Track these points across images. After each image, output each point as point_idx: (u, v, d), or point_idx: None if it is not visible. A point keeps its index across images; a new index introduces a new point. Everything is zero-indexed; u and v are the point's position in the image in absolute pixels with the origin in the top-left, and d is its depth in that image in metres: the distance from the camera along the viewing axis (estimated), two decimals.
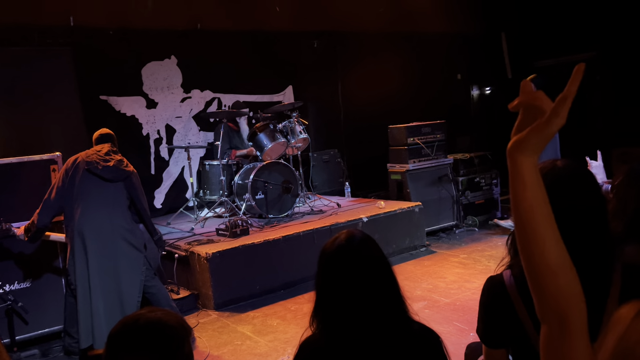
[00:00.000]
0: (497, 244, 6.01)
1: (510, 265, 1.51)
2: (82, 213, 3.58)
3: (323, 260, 1.58)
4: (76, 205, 3.60)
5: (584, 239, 1.37)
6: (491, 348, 1.56)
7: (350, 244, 1.56)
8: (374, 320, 1.50)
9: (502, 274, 1.51)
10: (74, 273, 3.57)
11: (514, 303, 1.45)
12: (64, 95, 5.97)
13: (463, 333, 3.72)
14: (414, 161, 6.52)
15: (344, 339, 1.51)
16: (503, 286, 1.48)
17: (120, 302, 3.60)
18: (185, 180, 6.85)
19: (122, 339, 1.21)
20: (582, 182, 1.42)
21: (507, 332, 1.49)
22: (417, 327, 1.59)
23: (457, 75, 9.28)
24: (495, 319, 1.52)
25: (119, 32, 6.22)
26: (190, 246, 4.90)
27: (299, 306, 4.55)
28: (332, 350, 1.53)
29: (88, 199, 3.61)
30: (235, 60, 7.10)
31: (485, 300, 1.56)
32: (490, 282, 1.55)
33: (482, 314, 1.57)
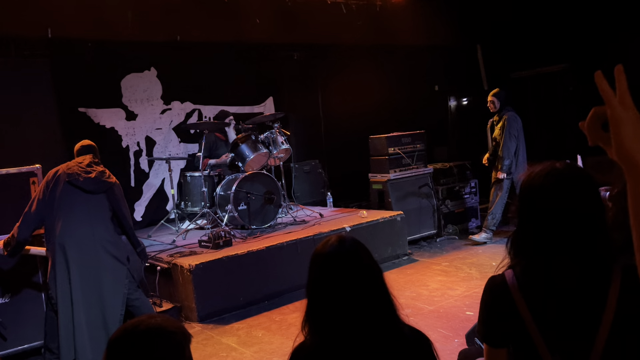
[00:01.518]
0: (477, 252, 6.10)
1: (512, 265, 1.54)
2: (63, 226, 3.52)
3: (315, 264, 1.58)
4: (57, 218, 3.54)
5: (583, 237, 1.41)
6: (492, 347, 1.57)
7: (342, 247, 1.57)
8: (366, 324, 1.51)
9: (504, 274, 1.53)
10: (55, 287, 3.50)
11: (516, 302, 1.47)
12: (42, 107, 5.90)
13: (447, 339, 3.76)
14: (395, 171, 6.59)
15: (336, 343, 1.51)
16: (505, 286, 1.50)
17: (103, 315, 3.54)
18: (165, 192, 6.80)
19: (122, 345, 1.20)
20: (582, 182, 1.45)
21: (508, 331, 1.51)
22: (408, 330, 1.60)
23: (434, 87, 9.44)
24: (497, 318, 1.54)
25: (98, 43, 6.18)
26: (173, 258, 4.86)
27: (284, 317, 4.54)
28: (324, 354, 1.53)
29: (69, 211, 3.55)
30: (216, 72, 7.10)
31: (487, 299, 1.57)
32: (492, 282, 1.57)
33: (484, 314, 1.59)
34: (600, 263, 1.42)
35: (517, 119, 6.26)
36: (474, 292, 4.72)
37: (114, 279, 3.62)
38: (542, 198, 1.46)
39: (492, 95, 6.37)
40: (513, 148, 6.17)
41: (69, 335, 3.46)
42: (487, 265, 5.48)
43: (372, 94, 8.11)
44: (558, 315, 1.44)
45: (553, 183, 1.45)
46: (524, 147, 6.28)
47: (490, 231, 6.39)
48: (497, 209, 6.33)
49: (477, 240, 6.36)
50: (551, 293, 1.45)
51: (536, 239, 1.47)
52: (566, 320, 1.43)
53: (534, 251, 1.47)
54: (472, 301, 4.48)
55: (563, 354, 1.43)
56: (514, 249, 1.54)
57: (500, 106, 6.31)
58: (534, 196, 1.48)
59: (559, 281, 1.43)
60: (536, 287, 1.47)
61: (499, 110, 6.32)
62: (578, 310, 1.43)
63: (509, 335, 1.53)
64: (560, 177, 1.45)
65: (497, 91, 6.38)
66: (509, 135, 6.15)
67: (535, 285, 1.47)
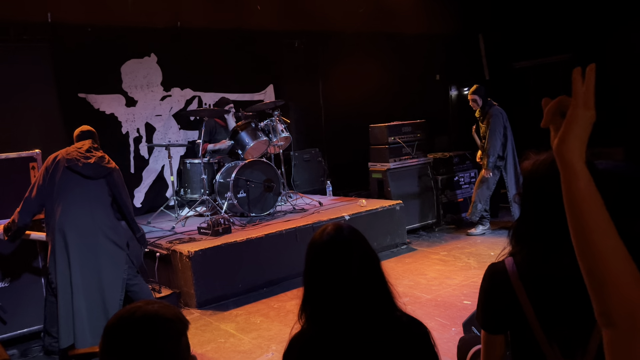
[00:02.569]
0: (476, 242, 6.11)
1: (513, 253, 1.54)
2: (63, 211, 3.53)
3: (312, 251, 1.58)
4: (57, 203, 3.55)
5: None
6: (490, 333, 1.58)
7: (339, 235, 1.57)
8: (363, 312, 1.51)
9: (504, 261, 1.54)
10: (55, 272, 3.52)
11: (515, 289, 1.48)
12: (42, 93, 5.87)
13: (445, 328, 3.78)
14: (395, 160, 6.59)
15: (332, 331, 1.52)
16: (505, 273, 1.51)
17: (103, 300, 3.56)
18: (165, 179, 6.80)
19: (118, 332, 1.19)
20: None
21: (507, 318, 1.52)
22: (406, 318, 1.61)
23: (435, 76, 9.40)
24: (495, 304, 1.55)
25: (98, 29, 6.13)
26: (172, 245, 4.87)
27: (282, 304, 4.56)
28: (322, 343, 1.53)
29: (69, 196, 3.56)
30: (216, 59, 7.07)
31: (487, 286, 1.58)
32: (491, 268, 1.58)
33: (483, 300, 1.60)
34: None
35: (500, 113, 6.14)
36: (472, 281, 4.74)
37: (113, 264, 3.64)
38: (545, 186, 1.46)
39: (472, 93, 6.26)
40: (499, 144, 6.11)
41: (68, 319, 3.48)
42: (486, 255, 5.50)
43: (373, 83, 8.08)
44: (557, 303, 1.44)
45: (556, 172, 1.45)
46: (512, 139, 6.18)
47: (486, 222, 6.39)
48: (481, 199, 6.28)
49: (475, 233, 6.37)
50: (551, 281, 1.45)
51: (538, 227, 1.47)
52: (565, 308, 1.43)
53: (535, 239, 1.48)
54: (470, 290, 4.51)
55: (561, 342, 1.44)
56: (515, 237, 1.55)
57: (483, 102, 6.24)
58: (537, 184, 1.48)
59: (559, 269, 1.43)
60: (536, 275, 1.47)
61: (482, 107, 6.25)
62: (577, 298, 1.43)
63: (507, 322, 1.54)
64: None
65: (476, 88, 6.28)
66: (494, 132, 6.09)
67: (535, 273, 1.47)
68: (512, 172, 6.17)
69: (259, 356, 3.61)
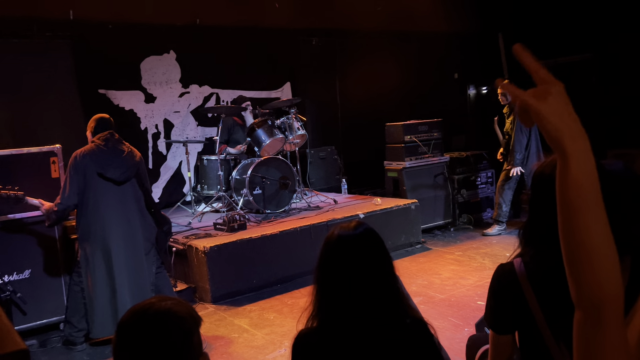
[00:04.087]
0: (491, 242, 6.08)
1: (521, 254, 1.55)
2: (100, 218, 3.61)
3: (328, 246, 1.59)
4: (92, 209, 3.62)
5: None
6: (498, 334, 1.59)
7: (356, 231, 1.58)
8: (370, 312, 1.52)
9: (513, 262, 1.56)
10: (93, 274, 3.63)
11: (523, 290, 1.49)
12: (63, 88, 5.98)
13: (458, 328, 3.78)
14: (411, 159, 6.57)
15: (338, 328, 1.53)
16: (513, 273, 1.53)
17: (144, 295, 3.67)
18: (182, 175, 6.88)
19: (130, 328, 1.21)
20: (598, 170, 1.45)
21: (515, 318, 1.53)
22: (411, 321, 1.61)
23: (454, 75, 9.34)
24: (504, 305, 1.56)
25: (119, 26, 6.23)
26: (188, 240, 4.93)
27: (296, 300, 4.59)
28: (326, 340, 1.54)
29: (104, 203, 3.63)
30: (234, 56, 7.12)
31: (495, 286, 1.60)
32: (500, 269, 1.59)
33: (491, 300, 1.61)
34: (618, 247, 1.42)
35: None
36: (486, 282, 4.67)
37: (148, 260, 3.77)
38: (551, 187, 1.46)
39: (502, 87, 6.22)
40: (525, 141, 6.07)
41: (105, 313, 3.64)
42: (501, 256, 5.46)
43: (390, 81, 8.06)
44: (564, 304, 1.44)
45: None
46: (537, 139, 6.14)
47: (502, 223, 6.35)
48: (506, 201, 6.27)
49: (491, 234, 6.33)
50: (558, 281, 1.45)
51: (546, 228, 1.47)
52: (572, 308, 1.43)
53: (543, 240, 1.48)
54: (484, 291, 4.43)
55: (568, 342, 1.44)
56: (524, 238, 1.55)
57: None
58: (545, 186, 1.49)
59: None
60: (544, 275, 1.48)
61: (510, 103, 6.22)
62: None
63: (515, 322, 1.55)
64: None
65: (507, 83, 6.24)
66: (520, 129, 6.05)
67: (543, 274, 1.48)
68: None
69: (272, 352, 3.65)
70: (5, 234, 3.92)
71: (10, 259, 3.94)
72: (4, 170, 3.94)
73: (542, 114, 0.86)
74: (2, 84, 5.58)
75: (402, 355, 1.54)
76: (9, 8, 5.48)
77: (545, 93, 0.87)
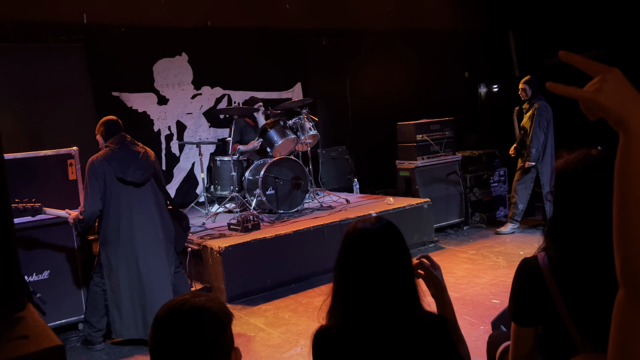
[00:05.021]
0: (505, 241, 6.06)
1: (545, 247, 1.58)
2: (125, 224, 3.65)
3: (350, 238, 1.60)
4: (115, 215, 3.66)
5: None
6: (521, 326, 1.61)
7: (378, 225, 1.59)
8: (389, 306, 1.52)
9: (537, 256, 1.58)
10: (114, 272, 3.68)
11: (547, 283, 1.51)
12: (77, 91, 6.06)
13: (473, 326, 3.78)
14: (423, 158, 6.57)
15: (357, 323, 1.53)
16: (537, 267, 1.55)
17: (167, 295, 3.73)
18: (195, 176, 6.93)
19: (167, 323, 1.25)
20: None
21: (538, 310, 1.55)
22: (428, 317, 1.62)
23: (464, 73, 9.31)
24: (527, 298, 1.58)
25: (131, 29, 6.29)
26: (203, 240, 4.97)
27: (310, 299, 4.61)
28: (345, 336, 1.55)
29: (127, 208, 3.67)
30: (245, 57, 7.16)
31: (519, 279, 1.62)
32: (524, 263, 1.61)
33: (515, 293, 1.63)
34: None
35: (548, 108, 6.11)
36: (501, 280, 4.71)
37: (169, 260, 3.83)
38: (575, 183, 1.50)
39: (523, 82, 6.23)
40: (542, 138, 6.06)
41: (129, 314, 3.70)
42: (515, 254, 5.45)
43: (401, 80, 8.06)
44: (589, 297, 1.46)
45: (586, 169, 1.48)
46: (553, 138, 6.13)
47: (516, 222, 6.34)
48: (522, 199, 6.26)
49: (504, 232, 6.32)
50: (583, 275, 1.47)
51: (570, 222, 1.50)
52: (596, 302, 1.45)
53: (567, 234, 1.51)
54: (499, 289, 4.48)
55: (592, 335, 1.45)
56: (549, 233, 1.58)
57: (532, 94, 6.19)
58: (569, 182, 1.52)
59: (591, 264, 1.45)
60: (568, 269, 1.49)
61: (530, 99, 6.21)
62: (609, 292, 1.44)
63: (538, 315, 1.56)
64: (594, 163, 1.48)
65: (529, 78, 6.24)
66: (539, 125, 6.03)
67: (567, 267, 1.50)
68: (549, 170, 6.11)
69: (288, 350, 3.67)
70: (24, 235, 3.98)
71: (29, 260, 3.99)
72: (22, 173, 4.00)
73: (602, 104, 0.89)
74: (18, 87, 5.67)
75: (420, 351, 1.55)
76: (23, 13, 5.56)
77: (600, 83, 0.90)
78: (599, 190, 1.44)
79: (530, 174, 6.18)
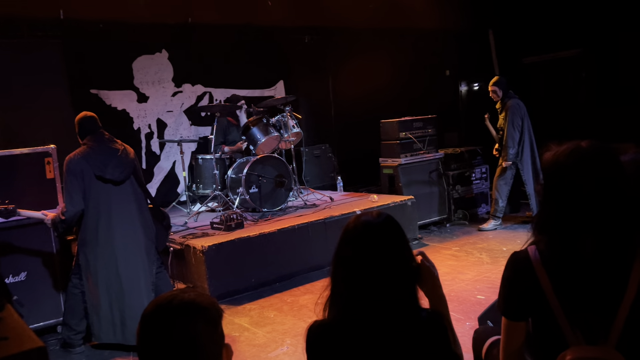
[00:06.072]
0: (488, 237, 6.10)
1: (535, 241, 1.56)
2: (100, 214, 3.55)
3: (351, 234, 1.56)
4: (95, 215, 3.56)
5: (607, 213, 1.42)
6: (512, 320, 1.59)
7: (380, 218, 1.56)
8: (390, 301, 1.50)
9: (527, 249, 1.56)
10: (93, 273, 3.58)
11: (538, 276, 1.49)
12: (54, 89, 5.91)
13: (460, 322, 3.78)
14: (406, 155, 6.58)
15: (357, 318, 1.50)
16: (528, 260, 1.53)
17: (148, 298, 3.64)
18: (176, 175, 6.83)
19: (156, 319, 1.20)
20: (605, 160, 1.46)
21: (529, 304, 1.54)
22: (426, 314, 1.60)
23: (445, 71, 9.37)
24: (518, 291, 1.56)
25: (110, 25, 6.16)
26: (185, 239, 4.89)
27: (295, 298, 4.57)
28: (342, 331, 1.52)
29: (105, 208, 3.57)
30: (227, 55, 7.09)
31: (509, 273, 1.59)
32: (514, 256, 1.59)
33: (505, 287, 1.61)
34: (624, 239, 1.43)
35: (520, 105, 6.16)
36: (485, 276, 4.73)
37: (150, 260, 3.74)
38: (565, 175, 1.48)
39: (492, 84, 6.26)
40: (517, 136, 6.11)
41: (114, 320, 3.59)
42: (498, 250, 5.49)
43: (383, 78, 8.07)
44: (580, 290, 1.45)
45: (576, 160, 1.47)
46: (530, 133, 6.18)
47: (498, 218, 6.38)
48: (502, 195, 6.31)
49: (487, 229, 6.36)
50: (574, 268, 1.46)
51: (560, 215, 1.48)
52: (588, 295, 1.44)
53: (557, 227, 1.49)
54: (483, 285, 4.50)
55: (583, 328, 1.45)
56: (538, 226, 1.56)
57: (503, 94, 6.25)
58: (558, 174, 1.50)
59: (582, 256, 1.44)
60: (559, 262, 1.48)
61: (502, 99, 6.26)
62: (600, 286, 1.44)
63: (529, 308, 1.55)
64: (583, 155, 1.47)
65: (497, 79, 6.29)
66: (512, 125, 6.08)
67: (558, 260, 1.48)
68: (530, 165, 6.17)
69: (274, 350, 3.63)
70: (0, 236, 3.86)
71: (5, 261, 3.87)
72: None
73: None
74: None
75: (417, 347, 1.53)
76: None
77: None
78: (589, 182, 1.44)
79: (510, 170, 6.23)
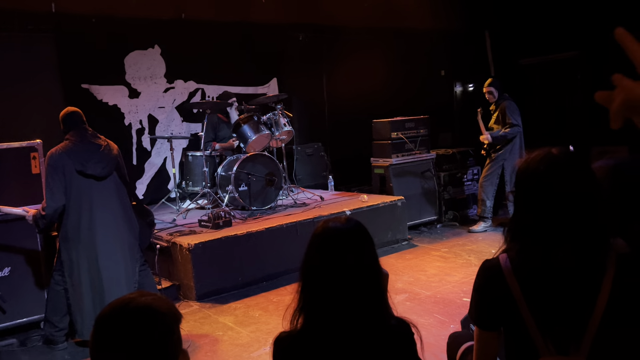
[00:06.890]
0: (477, 239, 6.09)
1: (507, 249, 1.54)
2: (81, 210, 3.53)
3: (317, 240, 1.54)
4: (76, 210, 3.53)
5: (578, 222, 1.41)
6: (483, 330, 1.58)
7: (348, 225, 1.54)
8: (358, 310, 1.48)
9: (498, 257, 1.54)
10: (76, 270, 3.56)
11: (509, 285, 1.47)
12: (45, 83, 5.87)
13: (444, 325, 3.77)
14: (397, 156, 6.57)
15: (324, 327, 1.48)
16: (499, 269, 1.51)
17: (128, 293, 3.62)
18: (167, 171, 6.80)
19: (109, 322, 1.18)
20: (577, 168, 1.45)
21: (500, 313, 1.52)
22: (395, 322, 1.57)
23: (440, 72, 9.35)
24: (489, 300, 1.54)
25: (102, 20, 6.12)
26: (172, 237, 4.87)
27: (281, 298, 4.56)
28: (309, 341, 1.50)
29: (87, 203, 3.55)
30: (220, 52, 7.05)
31: (480, 282, 1.57)
32: (485, 265, 1.57)
33: (477, 296, 1.59)
34: (596, 249, 1.41)
35: (516, 106, 6.21)
36: (472, 278, 4.66)
37: (132, 257, 3.72)
38: (536, 183, 1.46)
39: (488, 85, 6.28)
40: (520, 121, 6.13)
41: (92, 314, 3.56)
42: (487, 253, 5.48)
43: (377, 78, 8.04)
44: (551, 300, 1.44)
45: (547, 168, 1.45)
46: (521, 136, 6.22)
47: (487, 219, 6.38)
48: (488, 196, 6.31)
49: (477, 230, 6.35)
50: (545, 277, 1.44)
51: (532, 223, 1.47)
52: (559, 305, 1.43)
53: (529, 235, 1.47)
54: (470, 288, 4.42)
55: (555, 339, 1.43)
56: (510, 234, 1.54)
57: (499, 95, 6.27)
58: (529, 181, 1.48)
59: (554, 266, 1.42)
60: (530, 271, 1.46)
61: (497, 100, 6.28)
62: (572, 295, 1.42)
63: (500, 318, 1.53)
64: (555, 162, 1.45)
65: (493, 80, 6.32)
66: (512, 115, 6.09)
67: (529, 269, 1.46)
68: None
69: (257, 350, 3.61)
70: None
71: None
72: None
73: None
74: None
75: (384, 357, 1.51)
76: None
77: None
78: (561, 189, 1.42)
79: (496, 170, 6.24)
